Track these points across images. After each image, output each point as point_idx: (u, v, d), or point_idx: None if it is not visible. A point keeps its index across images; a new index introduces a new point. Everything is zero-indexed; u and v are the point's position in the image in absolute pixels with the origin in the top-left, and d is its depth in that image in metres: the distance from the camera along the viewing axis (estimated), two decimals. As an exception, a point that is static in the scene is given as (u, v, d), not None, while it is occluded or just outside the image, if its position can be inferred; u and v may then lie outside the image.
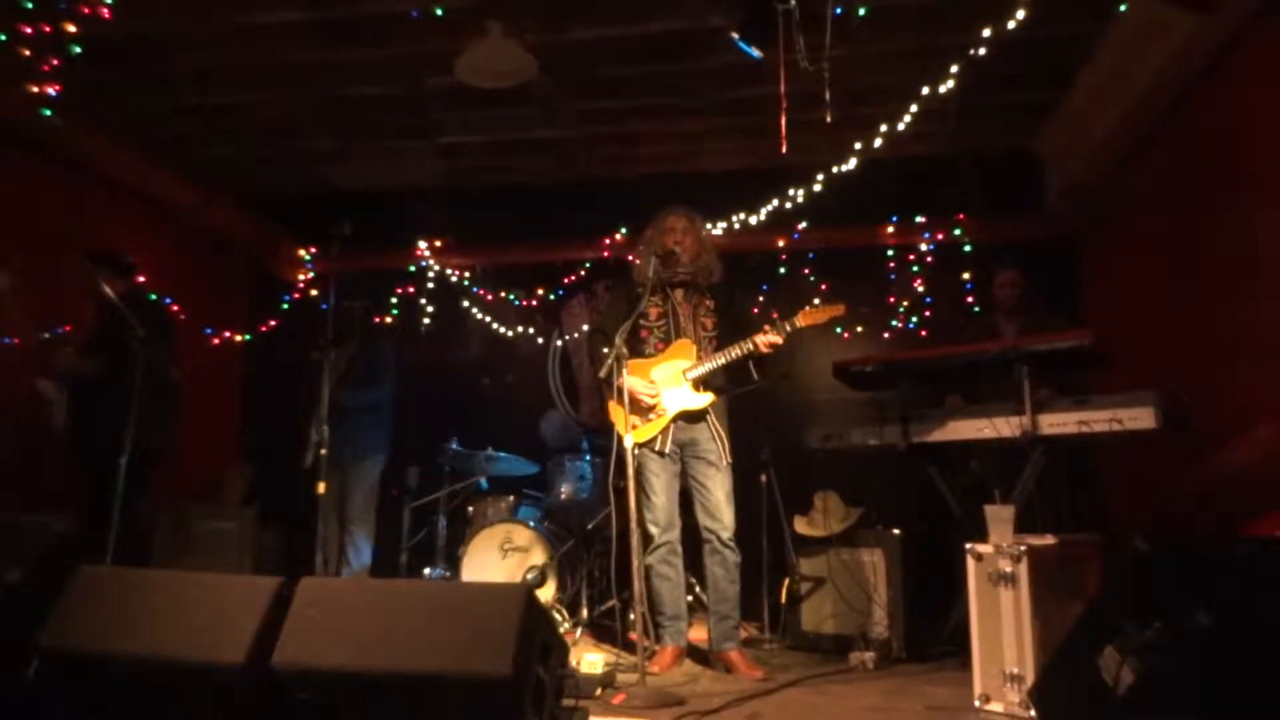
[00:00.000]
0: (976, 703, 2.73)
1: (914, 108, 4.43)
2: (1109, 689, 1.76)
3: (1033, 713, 2.44)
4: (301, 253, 6.23)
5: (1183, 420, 3.51)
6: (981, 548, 2.84)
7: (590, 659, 3.01)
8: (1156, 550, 1.83)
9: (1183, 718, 1.63)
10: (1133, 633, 1.72)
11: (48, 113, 4.23)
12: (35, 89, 4.12)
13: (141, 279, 4.55)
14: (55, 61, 4.15)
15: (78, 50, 3.98)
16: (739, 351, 3.43)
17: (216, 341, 6.06)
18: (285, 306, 6.30)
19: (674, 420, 3.51)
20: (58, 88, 4.17)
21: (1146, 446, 3.66)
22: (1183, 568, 1.78)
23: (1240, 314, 3.72)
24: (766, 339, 3.38)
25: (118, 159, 5.21)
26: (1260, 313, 3.56)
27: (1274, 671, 1.53)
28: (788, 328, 3.40)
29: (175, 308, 5.57)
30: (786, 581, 4.14)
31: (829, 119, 3.66)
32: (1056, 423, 3.55)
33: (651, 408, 3.50)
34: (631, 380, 3.32)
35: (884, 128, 4.54)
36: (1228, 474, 3.71)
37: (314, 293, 6.21)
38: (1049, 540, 2.90)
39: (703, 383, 3.51)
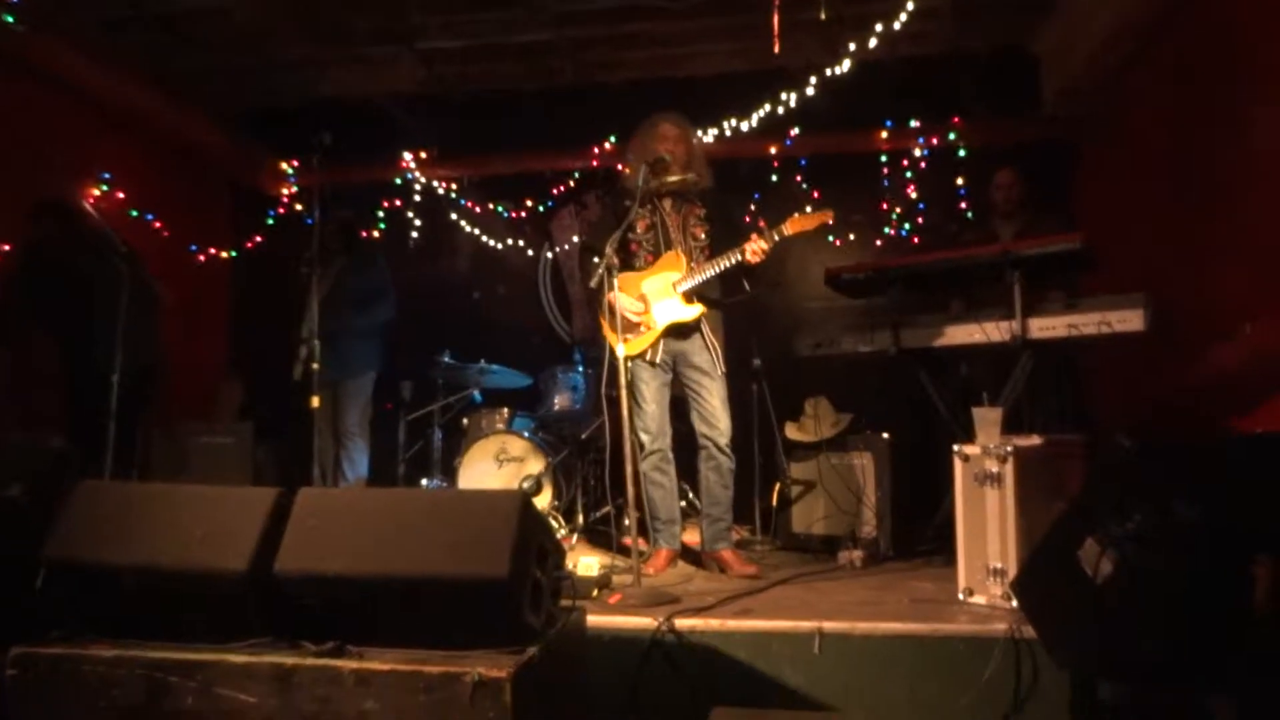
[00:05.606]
0: (960, 595, 2.82)
1: (910, 5, 4.29)
2: (1088, 579, 1.82)
3: (1014, 603, 2.54)
4: (284, 166, 6.11)
5: (1169, 321, 3.53)
6: (969, 449, 2.89)
7: (586, 562, 3.09)
8: (1140, 446, 1.87)
9: (1159, 604, 1.69)
10: (1114, 525, 1.77)
11: (10, 19, 4.06)
12: (-5, -5, 3.96)
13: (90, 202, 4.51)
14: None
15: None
16: (727, 262, 3.40)
17: (202, 259, 6.00)
18: (270, 222, 6.22)
19: (665, 332, 3.51)
20: (19, -7, 4.00)
21: (1134, 349, 3.69)
22: (1165, 463, 1.82)
23: (1232, 216, 3.70)
24: (754, 246, 3.34)
25: (86, 70, 5.02)
26: (1250, 215, 3.54)
27: (1247, 559, 1.59)
28: (775, 236, 3.36)
29: (158, 225, 5.50)
30: (778, 485, 4.23)
31: (823, 17, 3.55)
32: (1046, 326, 3.57)
33: (639, 324, 3.49)
34: (619, 297, 3.30)
35: (879, 27, 4.41)
36: (1213, 376, 3.76)
37: (299, 207, 6.11)
38: (1035, 441, 2.95)
39: (693, 294, 3.49)
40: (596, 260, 3.26)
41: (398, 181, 6.14)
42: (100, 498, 2.15)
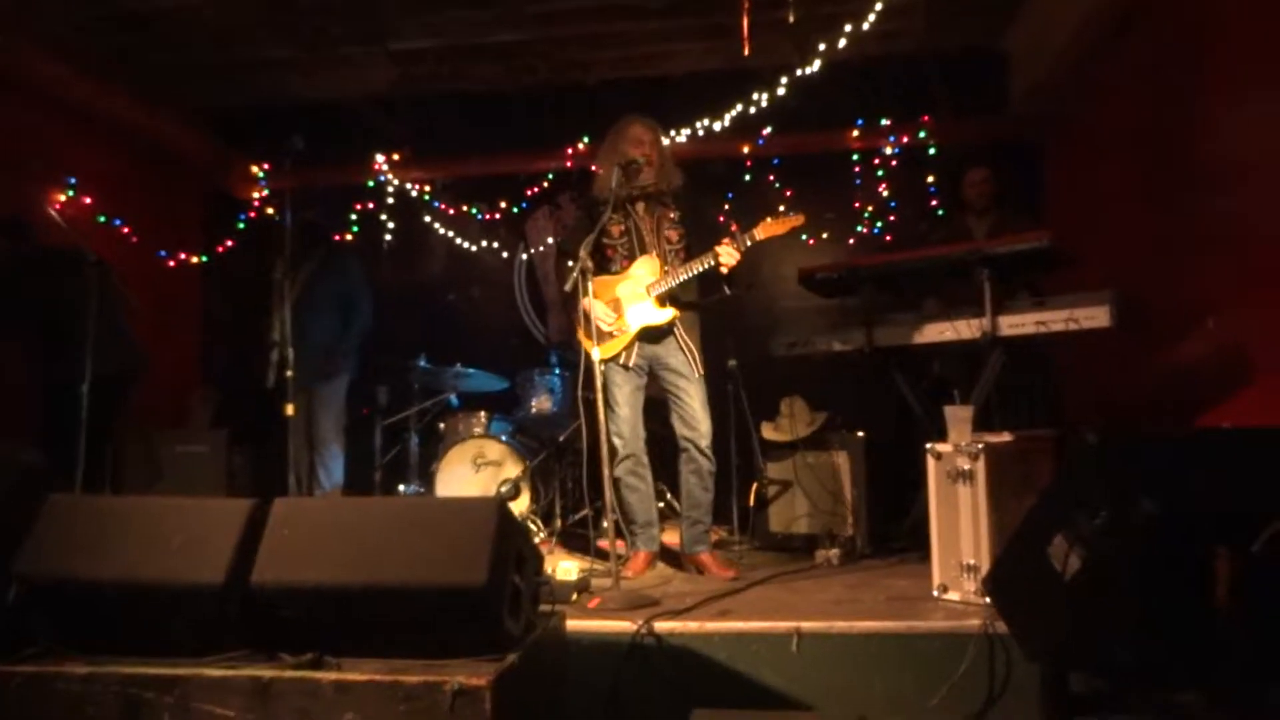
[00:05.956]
0: (935, 592, 2.86)
1: (879, 4, 4.33)
2: (1058, 575, 1.86)
3: (987, 599, 2.57)
4: (255, 169, 6.05)
5: (1137, 318, 3.60)
6: (941, 447, 2.93)
7: (565, 566, 3.09)
8: (1105, 442, 1.91)
9: (1126, 598, 1.73)
10: (1081, 521, 1.81)
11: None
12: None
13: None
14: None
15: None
16: (701, 266, 3.42)
17: (172, 264, 5.93)
18: (241, 226, 6.16)
19: (638, 336, 3.52)
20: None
21: (1104, 343, 3.75)
22: (1129, 458, 1.86)
23: (1196, 210, 3.77)
24: (726, 251, 3.36)
25: (52, 72, 4.94)
26: (1215, 208, 3.61)
27: (1208, 553, 1.63)
28: (747, 241, 3.38)
29: (126, 230, 5.44)
30: (755, 485, 4.25)
31: (792, 19, 3.57)
32: (1015, 323, 3.63)
33: (613, 328, 3.50)
34: (592, 304, 3.31)
35: (848, 28, 4.44)
36: (1179, 370, 3.83)
37: (270, 210, 6.06)
38: (1005, 438, 2.99)
39: (666, 298, 3.50)
40: (571, 264, 3.27)
41: (370, 184, 6.10)
42: (72, 512, 2.13)
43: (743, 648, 2.54)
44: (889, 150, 5.70)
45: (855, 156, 5.79)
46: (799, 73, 4.82)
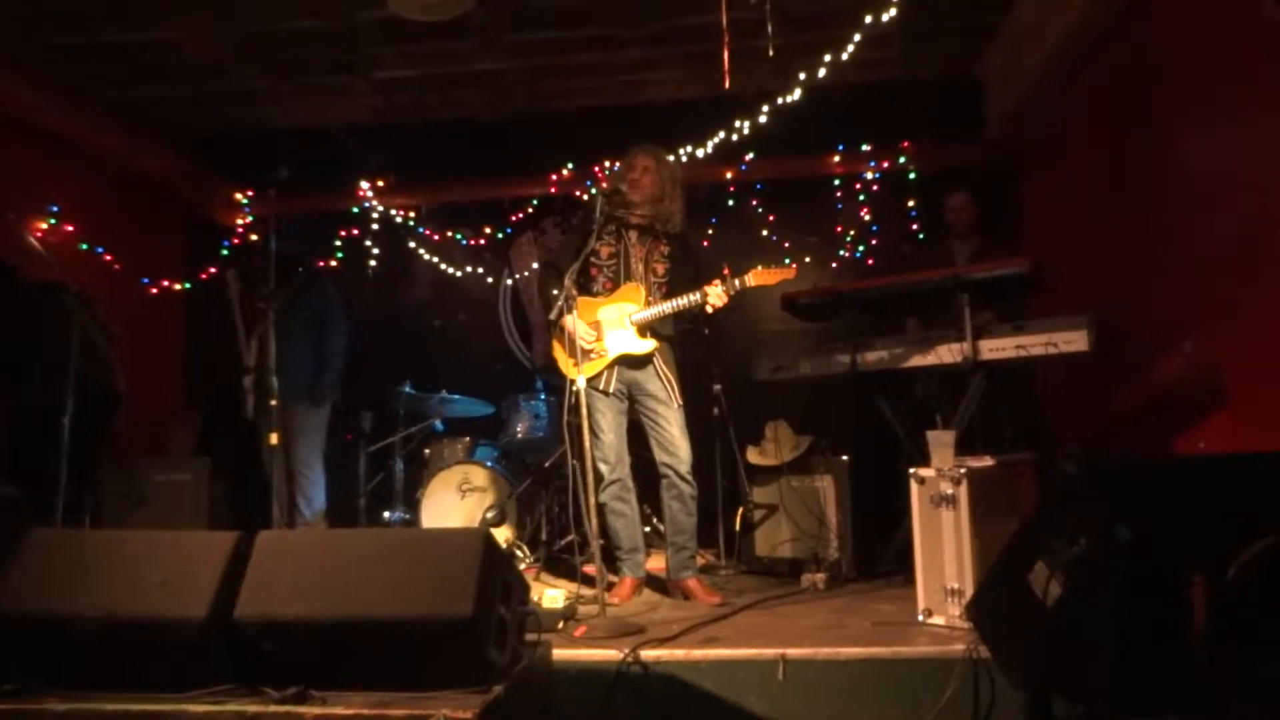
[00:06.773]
0: (920, 617, 2.87)
1: (857, 36, 4.40)
2: (1039, 601, 1.88)
3: (971, 624, 2.59)
4: (238, 197, 6.05)
5: (1114, 341, 3.65)
6: (924, 471, 2.95)
7: (551, 594, 3.08)
8: (1082, 472, 1.94)
9: (1105, 626, 1.75)
10: (1060, 549, 1.83)
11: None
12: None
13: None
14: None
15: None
16: (685, 302, 3.44)
17: (154, 291, 5.90)
18: (225, 253, 6.14)
19: (616, 362, 3.53)
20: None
21: (1084, 366, 3.80)
22: (1106, 487, 1.89)
23: (1168, 236, 3.83)
24: (715, 292, 3.38)
25: (34, 101, 4.93)
26: (1186, 235, 3.67)
27: (1185, 580, 1.65)
28: (737, 285, 3.41)
29: (108, 257, 5.41)
30: (740, 509, 4.26)
31: (771, 52, 3.63)
32: (995, 347, 3.67)
33: (591, 351, 3.51)
34: (573, 323, 3.32)
35: (828, 57, 4.51)
36: (1152, 393, 3.88)
37: (254, 237, 6.05)
38: (987, 462, 3.02)
39: (647, 328, 3.52)
40: (556, 292, 3.29)
41: (355, 210, 6.11)
42: (52, 546, 2.11)
43: (729, 675, 2.54)
44: (870, 175, 5.77)
45: (837, 181, 5.85)
46: (780, 100, 4.88)
